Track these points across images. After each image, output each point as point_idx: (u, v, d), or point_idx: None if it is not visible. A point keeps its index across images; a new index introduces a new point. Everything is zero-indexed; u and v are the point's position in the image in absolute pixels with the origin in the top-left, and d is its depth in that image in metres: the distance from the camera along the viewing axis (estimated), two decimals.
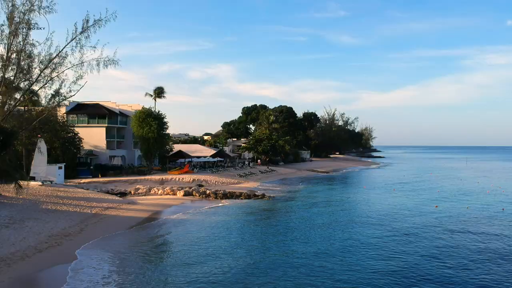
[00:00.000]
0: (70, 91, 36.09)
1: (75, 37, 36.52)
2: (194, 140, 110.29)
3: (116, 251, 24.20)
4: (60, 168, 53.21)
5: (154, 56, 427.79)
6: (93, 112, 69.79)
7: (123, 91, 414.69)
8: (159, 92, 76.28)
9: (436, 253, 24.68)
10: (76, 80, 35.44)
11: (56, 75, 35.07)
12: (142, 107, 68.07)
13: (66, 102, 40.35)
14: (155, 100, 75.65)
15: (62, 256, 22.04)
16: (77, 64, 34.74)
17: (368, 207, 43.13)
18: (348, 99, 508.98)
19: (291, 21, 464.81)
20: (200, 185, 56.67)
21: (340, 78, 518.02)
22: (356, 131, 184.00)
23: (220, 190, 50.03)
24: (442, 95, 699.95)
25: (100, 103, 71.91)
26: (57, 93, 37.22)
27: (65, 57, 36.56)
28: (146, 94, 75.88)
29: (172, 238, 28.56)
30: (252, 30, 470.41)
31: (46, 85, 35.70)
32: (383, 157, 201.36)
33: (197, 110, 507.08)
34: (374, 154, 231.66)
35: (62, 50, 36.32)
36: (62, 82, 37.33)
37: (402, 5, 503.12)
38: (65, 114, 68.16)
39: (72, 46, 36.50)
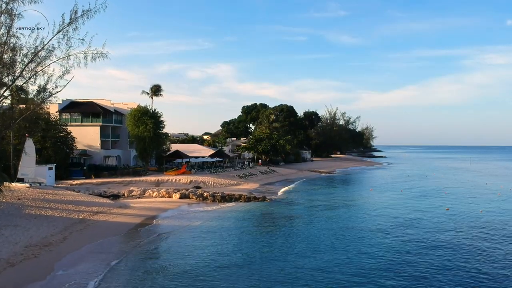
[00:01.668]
0: (56, 86, 33.36)
1: (62, 29, 33.89)
2: (192, 139, 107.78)
3: (102, 263, 21.63)
4: (50, 169, 50.64)
5: (154, 55, 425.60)
6: (87, 110, 67.22)
7: (123, 91, 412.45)
8: (156, 90, 73.98)
9: (457, 264, 22.17)
10: (63, 75, 32.69)
11: (41, 70, 32.34)
12: (138, 105, 65.44)
13: (53, 99, 37.62)
14: (152, 98, 73.33)
15: (38, 271, 19.44)
16: (62, 58, 32.02)
17: (376, 211, 40.52)
18: (348, 99, 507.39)
19: (291, 21, 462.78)
20: (198, 187, 54.11)
21: (340, 78, 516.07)
22: (357, 130, 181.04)
23: (218, 193, 47.46)
24: (442, 95, 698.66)
25: (95, 101, 69.34)
26: (42, 89, 34.51)
27: (52, 50, 33.98)
28: (143, 92, 73.63)
29: (165, 248, 26.01)
30: (252, 30, 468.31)
31: (29, 81, 32.98)
32: (385, 157, 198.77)
33: (197, 110, 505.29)
34: (375, 154, 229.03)
35: (47, 42, 33.69)
36: (49, 78, 34.76)
37: (402, 5, 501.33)
38: (57, 113, 65.71)
39: (59, 38, 33.92)
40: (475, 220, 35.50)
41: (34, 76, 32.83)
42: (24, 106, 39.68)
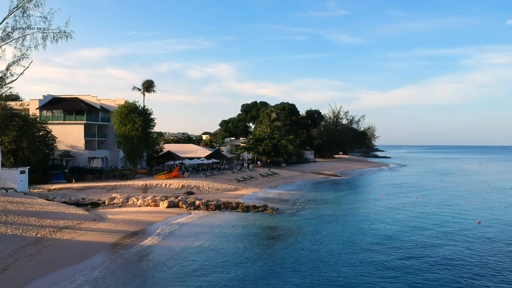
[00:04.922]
0: (12, 75, 27.33)
1: (20, 6, 27.86)
2: (188, 139, 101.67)
3: None
4: (22, 172, 44.54)
5: (154, 55, 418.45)
6: (70, 107, 61.18)
7: (122, 90, 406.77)
8: (148, 86, 68.00)
9: None
10: (18, 60, 26.70)
11: None
12: (125, 102, 59.33)
13: (7, 89, 31.59)
14: (143, 94, 67.29)
15: None
16: (16, 38, 26.00)
17: (394, 225, 34.29)
18: (347, 98, 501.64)
19: (290, 21, 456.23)
20: (190, 193, 48.05)
21: (340, 78, 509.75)
22: (360, 130, 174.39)
23: (212, 200, 41.33)
24: (442, 94, 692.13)
25: (79, 97, 63.32)
26: None
27: (11, 32, 27.94)
28: (134, 88, 67.51)
29: (141, 282, 19.85)
30: (252, 30, 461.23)
31: None
32: (389, 157, 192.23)
33: (196, 109, 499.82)
34: (379, 154, 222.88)
35: (2, 22, 27.70)
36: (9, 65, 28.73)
37: (402, 4, 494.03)
38: (37, 110, 59.76)
39: (16, 16, 27.89)
40: None
41: None
42: None
